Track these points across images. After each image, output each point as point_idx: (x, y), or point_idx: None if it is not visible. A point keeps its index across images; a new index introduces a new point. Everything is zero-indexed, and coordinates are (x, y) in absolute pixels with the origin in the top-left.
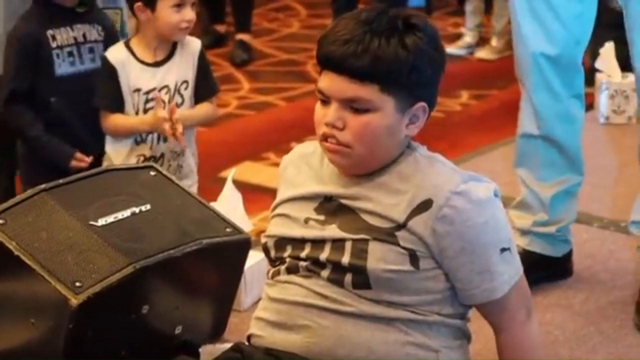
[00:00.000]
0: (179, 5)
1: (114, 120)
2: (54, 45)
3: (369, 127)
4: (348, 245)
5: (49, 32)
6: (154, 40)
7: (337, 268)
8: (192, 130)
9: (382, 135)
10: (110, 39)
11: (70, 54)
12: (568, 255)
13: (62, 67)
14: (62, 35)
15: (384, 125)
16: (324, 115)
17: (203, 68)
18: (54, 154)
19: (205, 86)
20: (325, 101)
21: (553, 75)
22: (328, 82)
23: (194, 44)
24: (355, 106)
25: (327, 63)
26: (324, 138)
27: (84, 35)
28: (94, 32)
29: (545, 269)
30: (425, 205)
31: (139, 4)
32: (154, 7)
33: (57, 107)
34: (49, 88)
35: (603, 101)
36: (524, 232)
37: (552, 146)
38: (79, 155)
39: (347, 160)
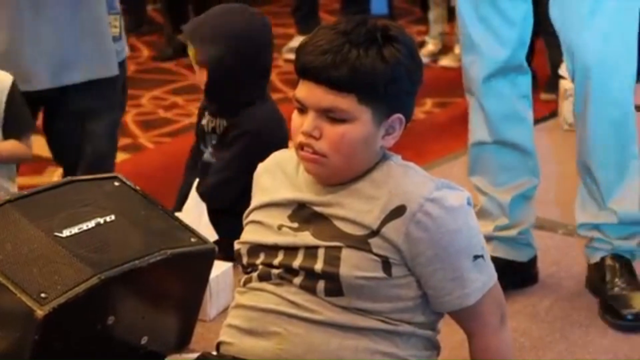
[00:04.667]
0: None
1: None
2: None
3: (345, 138)
4: (321, 253)
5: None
6: None
7: (310, 275)
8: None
9: (358, 146)
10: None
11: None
12: (533, 261)
13: None
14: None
15: (361, 135)
16: (300, 123)
17: (13, 105)
18: None
19: (13, 124)
20: (303, 110)
21: (503, 79)
22: (306, 91)
23: (4, 80)
24: (332, 116)
25: (305, 73)
26: (300, 147)
27: (214, 128)
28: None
29: (511, 276)
30: (398, 212)
31: None
32: None
33: None
34: None
35: (567, 108)
36: (487, 239)
37: (507, 150)
38: None
39: (322, 170)
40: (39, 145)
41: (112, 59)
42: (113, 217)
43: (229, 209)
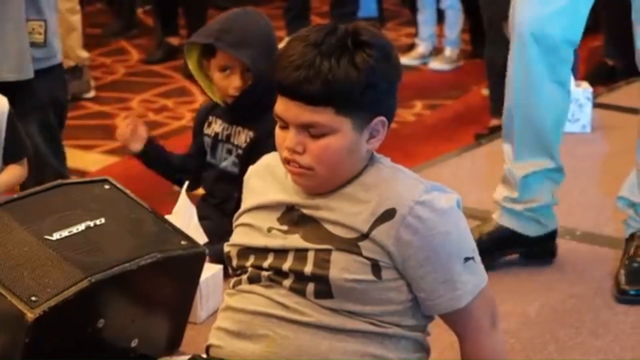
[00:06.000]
0: None
1: None
2: (206, 131)
3: (329, 150)
4: (311, 255)
5: (210, 116)
6: None
7: (300, 278)
8: None
9: (342, 155)
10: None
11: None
12: (544, 238)
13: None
14: (214, 125)
15: (344, 145)
16: (283, 139)
17: (10, 129)
18: None
19: (12, 148)
20: (284, 125)
21: (538, 54)
22: (283, 107)
23: (1, 104)
24: (312, 131)
25: (281, 89)
26: (286, 162)
27: (228, 136)
28: (242, 137)
29: (519, 247)
30: (388, 215)
31: None
32: None
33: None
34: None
35: None
36: (497, 205)
37: (525, 123)
38: None
39: (310, 182)
40: None
41: (23, 63)
42: (103, 220)
43: None
